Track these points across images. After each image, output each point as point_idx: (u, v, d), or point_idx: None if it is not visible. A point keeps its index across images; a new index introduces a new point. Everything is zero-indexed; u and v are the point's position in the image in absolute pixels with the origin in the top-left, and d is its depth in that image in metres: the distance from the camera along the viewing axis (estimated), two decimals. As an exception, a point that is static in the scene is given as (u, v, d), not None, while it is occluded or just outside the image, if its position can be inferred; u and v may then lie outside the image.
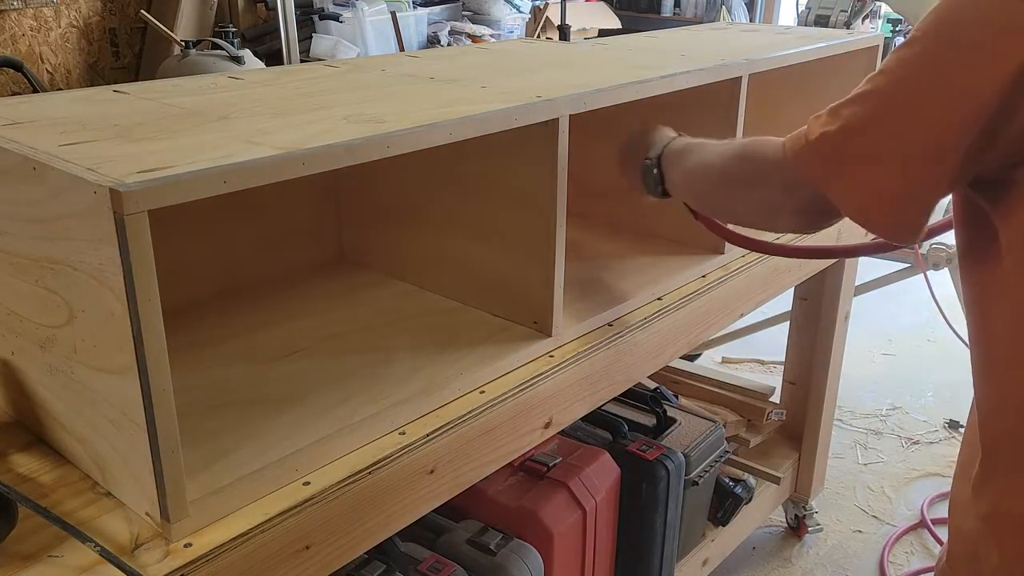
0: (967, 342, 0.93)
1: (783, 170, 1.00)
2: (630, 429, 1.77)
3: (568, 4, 3.75)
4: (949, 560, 0.98)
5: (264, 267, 1.47)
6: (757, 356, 3.44)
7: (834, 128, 0.91)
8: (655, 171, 1.27)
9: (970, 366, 0.94)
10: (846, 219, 0.96)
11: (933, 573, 1.03)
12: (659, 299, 1.47)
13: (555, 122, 1.19)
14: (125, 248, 0.78)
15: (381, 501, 1.04)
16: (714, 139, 1.22)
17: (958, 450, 0.99)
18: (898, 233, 0.90)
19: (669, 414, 1.91)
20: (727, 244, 1.61)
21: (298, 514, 0.95)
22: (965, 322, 0.95)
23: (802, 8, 3.30)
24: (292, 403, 1.09)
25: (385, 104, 1.17)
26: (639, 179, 1.31)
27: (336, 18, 3.85)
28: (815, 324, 2.23)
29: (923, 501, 2.59)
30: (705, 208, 1.28)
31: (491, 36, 4.46)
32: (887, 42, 2.94)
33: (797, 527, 2.44)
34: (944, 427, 3.01)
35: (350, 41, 3.89)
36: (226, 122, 1.05)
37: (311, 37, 3.87)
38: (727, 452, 1.97)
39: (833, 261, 2.03)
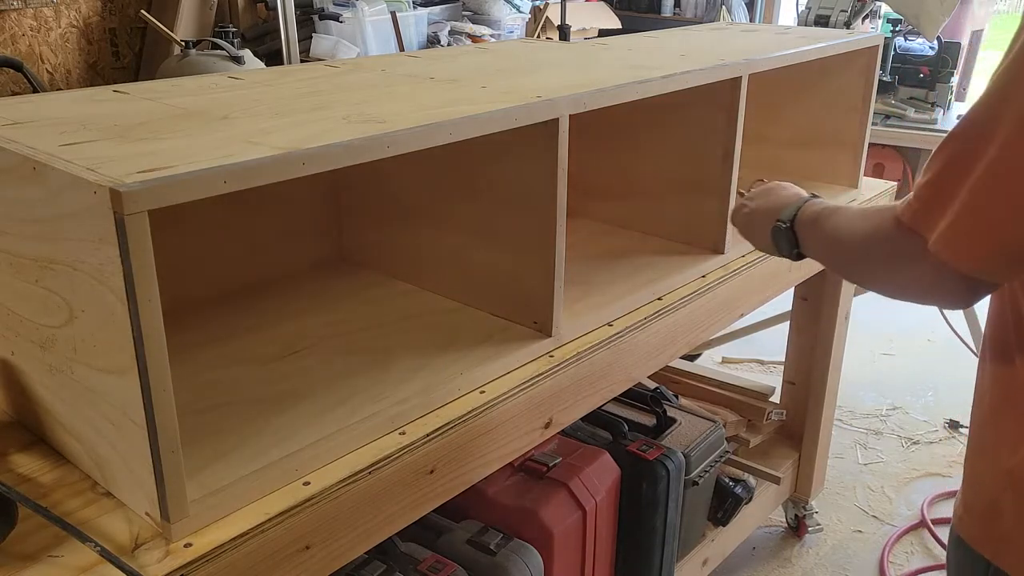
0: (966, 342, 0.93)
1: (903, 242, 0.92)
2: (630, 429, 1.77)
3: (568, 4, 3.74)
4: (967, 509, 1.00)
5: (264, 267, 1.47)
6: (757, 356, 3.44)
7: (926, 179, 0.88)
8: (790, 235, 1.20)
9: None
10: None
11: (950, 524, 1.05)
12: (659, 299, 1.47)
13: (555, 122, 1.19)
14: (125, 248, 0.78)
15: (381, 501, 1.04)
16: (837, 204, 1.18)
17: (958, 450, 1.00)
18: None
19: (669, 414, 1.91)
20: (727, 244, 1.61)
21: (298, 514, 0.95)
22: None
23: (802, 8, 3.29)
24: (292, 403, 1.09)
25: (385, 104, 1.17)
26: (766, 239, 1.25)
27: (336, 18, 3.85)
28: (815, 324, 2.23)
29: (923, 501, 2.59)
30: (848, 279, 1.22)
31: (491, 36, 4.45)
32: (887, 42, 2.94)
33: (797, 527, 2.44)
34: (944, 427, 3.01)
35: (350, 41, 3.89)
36: (226, 122, 1.05)
37: (311, 37, 3.87)
38: (727, 452, 1.97)
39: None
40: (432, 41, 4.29)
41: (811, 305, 2.23)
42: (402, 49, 4.02)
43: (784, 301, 2.22)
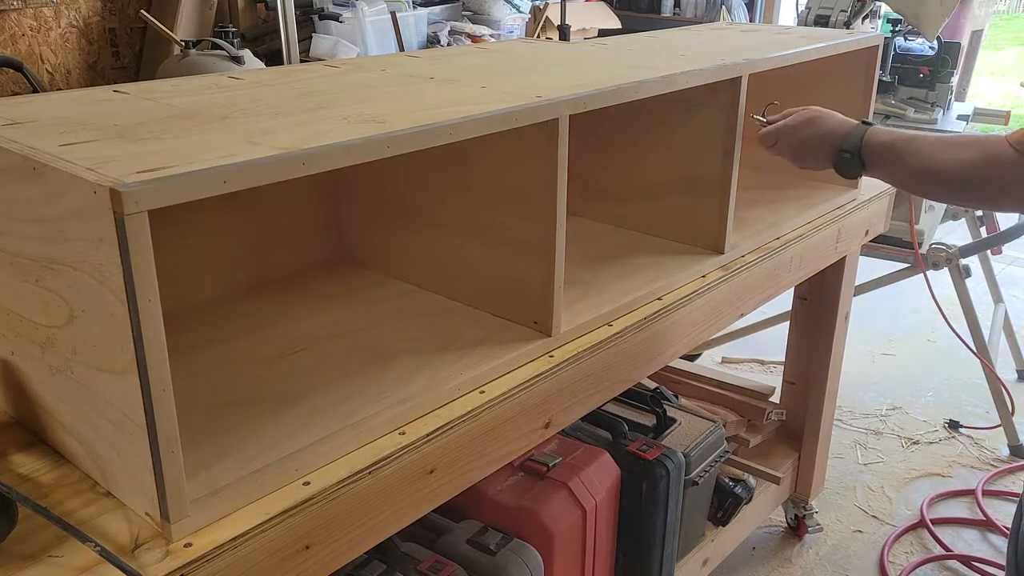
0: (966, 342, 0.96)
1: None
2: (630, 429, 1.77)
3: (568, 4, 3.74)
4: None
5: (264, 267, 1.47)
6: (757, 356, 3.44)
7: None
8: (858, 162, 1.41)
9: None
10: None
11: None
12: (659, 299, 1.47)
13: (555, 122, 1.19)
14: (125, 248, 0.78)
15: (381, 501, 1.04)
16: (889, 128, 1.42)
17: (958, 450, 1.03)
18: None
19: (669, 414, 1.91)
20: (727, 244, 1.61)
21: (298, 514, 0.95)
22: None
23: (802, 8, 3.29)
24: (292, 403, 1.09)
25: (385, 104, 1.17)
26: (826, 164, 1.47)
27: (336, 18, 3.85)
28: (815, 324, 2.23)
29: (923, 501, 2.59)
30: (930, 197, 1.52)
31: (491, 36, 4.46)
32: (887, 42, 2.94)
33: (797, 527, 2.44)
34: (944, 427, 3.01)
35: (350, 41, 3.89)
36: (226, 122, 1.05)
37: (311, 37, 3.87)
38: (727, 452, 1.97)
39: (835, 260, 2.03)
40: (432, 41, 4.29)
41: (811, 305, 2.23)
42: (402, 49, 4.02)
43: (784, 301, 2.22)
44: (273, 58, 3.44)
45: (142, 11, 3.33)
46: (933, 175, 1.32)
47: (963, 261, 2.74)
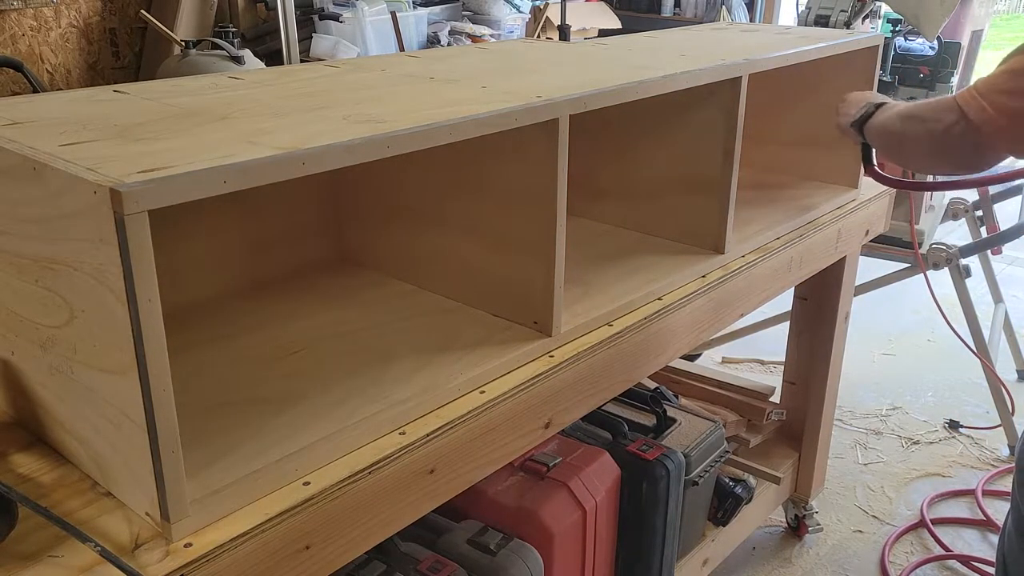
0: (966, 342, 0.97)
1: (956, 118, 1.33)
2: (630, 429, 1.77)
3: (568, 4, 3.75)
4: None
5: (264, 267, 1.47)
6: (757, 356, 3.44)
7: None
8: (871, 112, 1.61)
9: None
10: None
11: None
12: (659, 299, 1.47)
13: (555, 122, 1.19)
14: (125, 248, 0.78)
15: (381, 501, 1.04)
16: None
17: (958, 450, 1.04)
18: None
19: (669, 414, 1.91)
20: (727, 244, 1.62)
21: (298, 514, 0.95)
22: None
23: (802, 8, 3.29)
24: (292, 403, 1.09)
25: (385, 104, 1.17)
26: (856, 109, 1.66)
27: (336, 18, 3.85)
28: (815, 324, 2.23)
29: (923, 501, 2.59)
30: (889, 152, 1.67)
31: (491, 36, 4.46)
32: (887, 42, 2.94)
33: (797, 527, 2.44)
34: (944, 427, 3.01)
35: (350, 41, 3.89)
36: (226, 122, 1.05)
37: (311, 37, 3.87)
38: (727, 452, 1.97)
39: (835, 260, 2.03)
40: (432, 41, 4.30)
41: (811, 305, 2.23)
42: (402, 49, 4.02)
43: (784, 301, 2.22)
44: (273, 58, 3.45)
45: (142, 11, 3.33)
46: (890, 125, 1.53)
47: (963, 261, 2.74)
